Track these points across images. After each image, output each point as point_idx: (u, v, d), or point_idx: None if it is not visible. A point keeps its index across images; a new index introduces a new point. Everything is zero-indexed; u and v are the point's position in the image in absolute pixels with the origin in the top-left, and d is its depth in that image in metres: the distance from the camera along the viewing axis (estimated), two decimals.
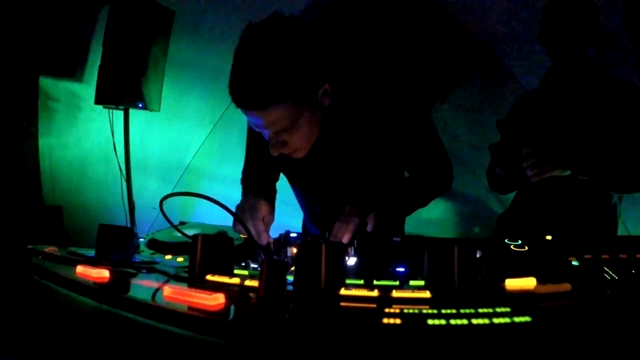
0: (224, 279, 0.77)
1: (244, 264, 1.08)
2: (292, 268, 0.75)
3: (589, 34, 1.61)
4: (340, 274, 0.72)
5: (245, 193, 1.55)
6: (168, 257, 1.11)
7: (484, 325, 0.51)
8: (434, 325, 0.52)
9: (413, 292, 0.68)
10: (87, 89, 3.10)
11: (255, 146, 1.52)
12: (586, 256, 0.90)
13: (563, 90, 1.71)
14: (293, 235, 1.20)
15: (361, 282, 0.80)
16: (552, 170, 1.46)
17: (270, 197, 1.48)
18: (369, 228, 1.23)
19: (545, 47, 1.71)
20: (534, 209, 1.77)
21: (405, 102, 1.35)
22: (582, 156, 1.49)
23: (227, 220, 1.25)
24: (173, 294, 0.65)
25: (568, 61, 1.66)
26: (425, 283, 0.74)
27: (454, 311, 0.56)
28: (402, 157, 1.43)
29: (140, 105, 2.83)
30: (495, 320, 0.52)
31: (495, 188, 1.89)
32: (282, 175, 1.62)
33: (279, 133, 1.19)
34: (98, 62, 2.75)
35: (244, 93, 1.11)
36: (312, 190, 1.56)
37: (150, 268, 0.93)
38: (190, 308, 0.60)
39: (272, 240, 1.20)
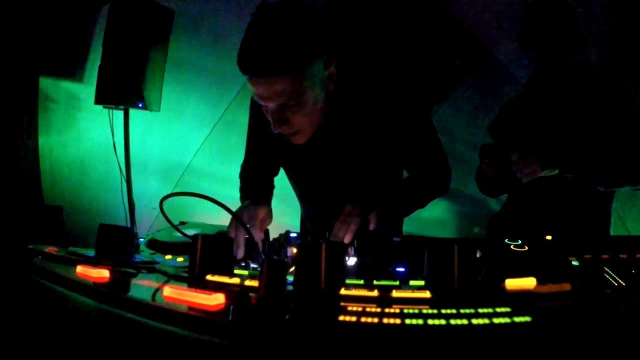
0: (224, 279, 0.77)
1: (244, 264, 1.08)
2: (292, 268, 0.75)
3: (567, 37, 1.64)
4: (340, 274, 0.72)
5: (243, 191, 1.56)
6: (168, 257, 1.11)
7: (484, 325, 0.51)
8: (434, 325, 0.52)
9: (413, 292, 0.68)
10: (87, 89, 3.10)
11: (257, 139, 1.53)
12: (586, 256, 0.90)
13: (546, 92, 1.74)
14: (293, 235, 1.20)
15: (361, 282, 0.79)
16: (540, 171, 1.51)
17: (267, 194, 1.49)
18: (372, 227, 1.23)
19: (526, 51, 1.74)
20: (525, 208, 1.79)
21: (407, 102, 1.36)
22: (567, 155, 1.54)
23: (227, 220, 1.25)
24: (173, 294, 0.65)
25: (549, 64, 1.69)
26: (425, 283, 0.74)
27: (454, 311, 0.56)
28: (402, 156, 1.44)
29: (140, 105, 2.82)
30: (495, 320, 0.52)
31: (485, 191, 1.91)
32: (281, 174, 1.62)
33: (283, 108, 1.20)
34: (98, 62, 2.75)
35: (253, 59, 1.13)
36: (310, 184, 1.56)
37: (150, 268, 0.93)
38: (190, 308, 0.60)
39: (242, 257, 1.17)
